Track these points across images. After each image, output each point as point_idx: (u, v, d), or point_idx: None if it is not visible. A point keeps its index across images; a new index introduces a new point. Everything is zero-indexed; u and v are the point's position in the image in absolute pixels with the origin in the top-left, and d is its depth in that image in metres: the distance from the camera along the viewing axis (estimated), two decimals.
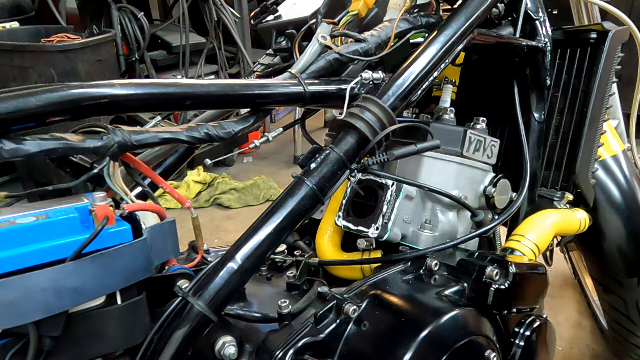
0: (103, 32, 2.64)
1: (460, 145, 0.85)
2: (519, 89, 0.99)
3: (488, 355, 0.72)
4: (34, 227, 0.51)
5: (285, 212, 0.62)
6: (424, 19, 0.85)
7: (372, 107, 0.66)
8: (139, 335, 0.59)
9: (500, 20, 0.93)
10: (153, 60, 3.14)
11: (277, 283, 0.88)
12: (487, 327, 0.75)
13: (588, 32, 0.96)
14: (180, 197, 0.72)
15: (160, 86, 0.64)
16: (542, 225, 0.93)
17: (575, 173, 0.97)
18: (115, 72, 2.73)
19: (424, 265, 0.79)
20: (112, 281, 0.55)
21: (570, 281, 1.96)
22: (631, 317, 1.33)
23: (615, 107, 1.29)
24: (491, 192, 0.89)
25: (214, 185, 3.02)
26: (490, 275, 0.73)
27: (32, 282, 0.49)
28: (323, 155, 0.66)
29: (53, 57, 2.31)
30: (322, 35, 0.78)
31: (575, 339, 1.80)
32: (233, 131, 0.71)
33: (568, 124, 0.98)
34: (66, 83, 0.57)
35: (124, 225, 0.56)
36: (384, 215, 0.82)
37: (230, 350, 0.66)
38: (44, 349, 0.52)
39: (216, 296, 0.59)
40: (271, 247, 0.63)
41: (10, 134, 0.53)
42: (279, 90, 0.73)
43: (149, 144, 0.64)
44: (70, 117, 0.57)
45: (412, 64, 0.75)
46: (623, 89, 1.24)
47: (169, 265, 0.67)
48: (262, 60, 1.00)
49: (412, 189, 0.84)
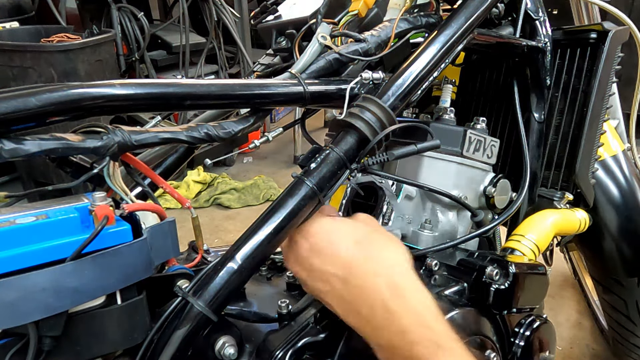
0: (103, 32, 2.64)
1: (460, 145, 0.85)
2: (519, 89, 0.99)
3: (488, 355, 0.72)
4: (34, 227, 0.51)
5: (285, 212, 0.62)
6: (424, 19, 0.85)
7: (372, 107, 0.66)
8: (139, 335, 0.59)
9: (500, 20, 0.93)
10: (153, 60, 3.14)
11: (277, 283, 0.88)
12: (487, 327, 0.75)
13: (588, 32, 0.96)
14: (180, 197, 0.72)
15: (160, 86, 0.64)
16: (542, 225, 0.93)
17: (575, 173, 0.97)
18: (115, 72, 2.72)
19: (424, 265, 0.79)
20: (112, 281, 0.55)
21: (570, 281, 1.96)
22: (631, 317, 1.33)
23: (615, 107, 1.29)
24: (491, 192, 0.89)
25: (214, 185, 3.02)
26: (490, 275, 0.73)
27: (32, 282, 0.49)
28: (323, 155, 0.66)
29: (53, 57, 2.31)
30: (322, 35, 0.78)
31: (575, 339, 1.80)
32: (233, 131, 0.71)
33: (568, 124, 0.98)
34: (66, 83, 0.57)
35: (124, 225, 0.56)
36: (384, 215, 0.82)
37: (230, 350, 0.66)
38: (44, 349, 0.52)
39: (216, 296, 0.59)
40: (271, 247, 0.63)
41: (10, 134, 0.53)
42: (279, 90, 0.73)
43: (149, 144, 0.64)
44: (70, 117, 0.57)
45: (412, 64, 0.75)
46: (623, 89, 1.24)
47: (169, 265, 0.67)
48: (262, 60, 1.00)
49: (412, 188, 0.84)
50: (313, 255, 0.59)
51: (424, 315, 0.52)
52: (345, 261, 0.56)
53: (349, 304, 0.56)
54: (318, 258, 0.58)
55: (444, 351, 0.50)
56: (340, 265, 0.57)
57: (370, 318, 0.53)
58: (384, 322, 0.52)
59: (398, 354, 0.52)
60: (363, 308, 0.54)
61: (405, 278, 0.55)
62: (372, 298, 0.54)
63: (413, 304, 0.53)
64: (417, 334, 0.51)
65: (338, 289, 0.56)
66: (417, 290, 0.54)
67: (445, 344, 0.51)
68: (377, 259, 0.56)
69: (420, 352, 0.50)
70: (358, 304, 0.54)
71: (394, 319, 0.52)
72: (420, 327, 0.52)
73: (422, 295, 0.54)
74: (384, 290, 0.53)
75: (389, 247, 0.58)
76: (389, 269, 0.55)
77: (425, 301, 0.54)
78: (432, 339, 0.51)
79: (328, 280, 0.57)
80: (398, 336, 0.52)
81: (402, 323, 0.52)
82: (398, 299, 0.53)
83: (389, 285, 0.54)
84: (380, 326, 0.53)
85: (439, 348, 0.51)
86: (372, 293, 0.54)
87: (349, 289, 0.55)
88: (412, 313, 0.52)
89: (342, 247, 0.58)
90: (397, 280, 0.54)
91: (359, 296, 0.54)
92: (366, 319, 0.54)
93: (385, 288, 0.54)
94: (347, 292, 0.55)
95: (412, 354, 0.51)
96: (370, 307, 0.53)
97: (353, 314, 0.56)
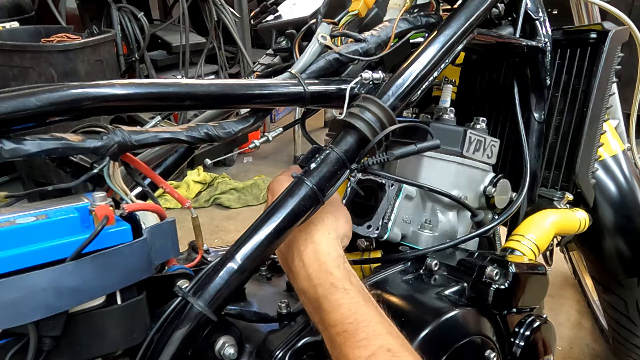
0: (103, 32, 2.64)
1: (460, 145, 0.85)
2: (519, 89, 0.99)
3: (488, 355, 0.72)
4: (34, 227, 0.51)
5: (285, 212, 0.62)
6: (424, 19, 0.85)
7: (372, 107, 0.66)
8: (139, 335, 0.59)
9: (500, 20, 0.93)
10: (153, 60, 3.14)
11: (277, 283, 0.88)
12: (487, 327, 0.75)
13: (588, 32, 0.96)
14: (180, 197, 0.72)
15: (160, 86, 0.64)
16: (542, 225, 0.93)
17: (575, 173, 0.97)
18: (115, 72, 2.72)
19: (424, 265, 0.79)
20: (112, 281, 0.55)
21: (570, 281, 1.96)
22: (631, 317, 1.33)
23: (615, 107, 1.29)
24: (491, 192, 0.89)
25: (214, 185, 3.02)
26: (490, 275, 0.73)
27: (32, 282, 0.49)
28: (323, 155, 0.66)
29: (53, 57, 2.31)
30: (322, 35, 0.78)
31: (575, 339, 1.80)
32: (233, 131, 0.71)
33: (568, 124, 0.98)
34: (66, 83, 0.57)
35: (124, 225, 0.56)
36: (384, 215, 0.82)
37: (230, 350, 0.66)
38: (44, 349, 0.52)
39: (216, 296, 0.59)
40: (271, 247, 0.63)
41: (10, 134, 0.53)
42: (279, 90, 0.73)
43: (149, 144, 0.64)
44: (70, 117, 0.57)
45: (412, 64, 0.75)
46: (623, 89, 1.24)
47: (169, 265, 0.67)
48: (262, 60, 1.00)
49: (412, 188, 0.84)
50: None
51: (326, 263, 0.63)
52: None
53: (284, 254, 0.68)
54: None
55: (337, 290, 0.60)
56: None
57: (292, 266, 0.66)
58: (298, 269, 0.64)
59: (308, 297, 0.63)
60: (288, 256, 0.67)
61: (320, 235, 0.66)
62: (293, 250, 0.66)
63: (319, 255, 0.64)
64: (319, 278, 0.62)
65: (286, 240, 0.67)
66: (327, 246, 0.65)
67: (339, 285, 0.61)
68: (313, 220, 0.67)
69: (320, 293, 0.61)
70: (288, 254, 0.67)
71: (304, 265, 0.64)
72: (321, 273, 0.62)
73: (329, 250, 0.65)
74: (301, 243, 0.65)
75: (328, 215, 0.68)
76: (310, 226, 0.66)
77: (331, 255, 0.64)
78: (330, 281, 0.61)
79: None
80: (306, 280, 0.63)
81: (309, 270, 0.63)
82: (309, 251, 0.64)
83: (306, 239, 0.65)
84: (297, 273, 0.65)
85: (335, 288, 0.61)
86: (294, 244, 0.66)
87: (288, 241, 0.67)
88: (317, 262, 0.63)
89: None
90: (312, 235, 0.66)
91: (288, 247, 0.67)
92: (289, 266, 0.67)
93: (302, 241, 0.65)
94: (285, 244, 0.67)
95: (317, 295, 0.61)
96: (292, 256, 0.66)
97: (283, 261, 0.69)
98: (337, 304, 0.59)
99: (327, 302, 0.60)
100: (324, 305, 0.60)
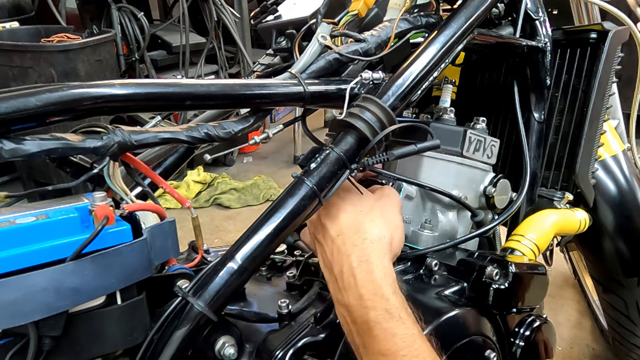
0: (103, 32, 2.64)
1: (460, 145, 0.85)
2: (519, 89, 0.99)
3: (488, 355, 0.72)
4: (34, 227, 0.51)
5: (285, 212, 0.62)
6: (424, 19, 0.85)
7: (372, 107, 0.66)
8: (139, 335, 0.59)
9: (500, 20, 0.93)
10: (153, 60, 3.14)
11: (277, 283, 0.88)
12: (487, 327, 0.75)
13: (588, 32, 0.96)
14: (180, 197, 0.72)
15: (160, 86, 0.64)
16: (542, 225, 0.93)
17: (575, 173, 0.97)
18: (115, 72, 2.73)
19: (424, 265, 0.79)
20: (112, 281, 0.55)
21: (570, 281, 1.96)
22: (631, 317, 1.33)
23: (615, 107, 1.29)
24: (491, 192, 0.89)
25: (214, 185, 3.02)
26: (490, 275, 0.73)
27: (32, 282, 0.49)
28: (323, 155, 0.66)
29: (53, 57, 2.31)
30: (322, 35, 0.78)
31: (575, 339, 1.80)
32: (233, 131, 0.71)
33: (568, 124, 0.98)
34: (66, 83, 0.57)
35: (124, 225, 0.56)
36: None
37: (230, 350, 0.66)
38: (44, 349, 0.52)
39: (216, 296, 0.59)
40: (271, 247, 0.63)
41: (10, 134, 0.53)
42: (279, 90, 0.73)
43: (149, 144, 0.64)
44: (70, 117, 0.57)
45: (412, 64, 0.75)
46: (623, 89, 1.24)
47: (169, 265, 0.67)
48: (262, 60, 1.00)
49: (412, 188, 0.84)
50: (322, 212, 0.68)
51: (382, 288, 0.60)
52: (340, 225, 0.66)
53: (327, 261, 0.66)
54: (325, 216, 0.68)
55: (392, 318, 0.58)
56: (336, 227, 0.66)
57: (338, 278, 0.63)
58: (347, 285, 0.62)
59: (354, 316, 0.60)
60: (335, 267, 0.64)
61: (376, 255, 0.63)
62: (343, 262, 0.63)
63: (375, 277, 0.61)
64: (373, 301, 0.59)
65: (326, 245, 0.66)
66: (383, 268, 0.62)
67: (395, 313, 0.59)
68: (362, 232, 0.64)
69: (372, 317, 0.58)
70: (333, 263, 0.65)
71: (356, 284, 0.61)
72: (376, 296, 0.60)
73: (385, 273, 0.62)
74: (353, 259, 0.62)
75: (378, 226, 0.66)
76: (367, 243, 0.64)
77: (387, 279, 0.62)
78: (385, 307, 0.59)
79: (324, 235, 0.67)
80: (356, 300, 0.60)
81: (361, 290, 0.60)
82: (363, 270, 0.61)
83: (361, 257, 0.62)
84: (344, 287, 0.62)
85: (390, 315, 0.58)
86: (345, 258, 0.63)
87: (332, 248, 0.65)
88: (372, 284, 0.61)
89: (344, 213, 0.67)
90: (368, 254, 0.63)
91: (335, 257, 0.64)
92: (335, 277, 0.64)
93: (355, 257, 0.62)
94: (330, 251, 0.65)
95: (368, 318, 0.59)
96: (340, 269, 0.63)
97: (327, 269, 0.66)
98: (391, 332, 0.57)
99: (379, 329, 0.58)
100: (375, 331, 0.58)
